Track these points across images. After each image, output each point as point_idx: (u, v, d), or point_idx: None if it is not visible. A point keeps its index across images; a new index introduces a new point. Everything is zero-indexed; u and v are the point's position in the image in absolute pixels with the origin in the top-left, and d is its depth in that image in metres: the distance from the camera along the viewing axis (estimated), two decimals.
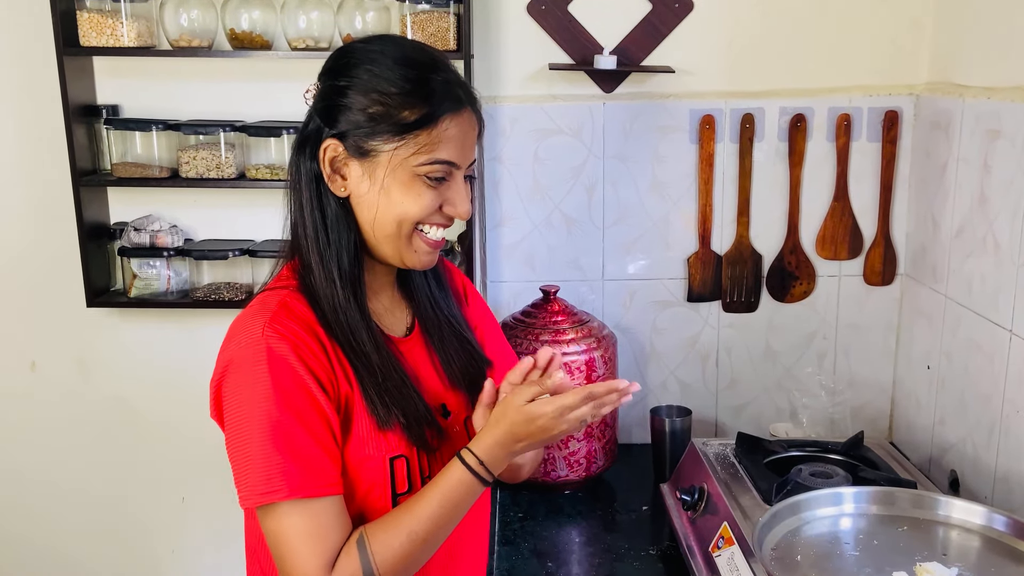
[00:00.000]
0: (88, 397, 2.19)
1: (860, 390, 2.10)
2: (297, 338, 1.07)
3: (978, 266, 1.70)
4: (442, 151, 1.10)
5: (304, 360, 1.06)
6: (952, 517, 1.37)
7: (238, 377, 1.06)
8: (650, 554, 1.65)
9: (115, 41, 1.88)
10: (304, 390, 1.06)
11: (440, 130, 1.10)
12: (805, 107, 1.97)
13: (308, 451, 1.05)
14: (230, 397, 1.07)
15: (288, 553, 1.05)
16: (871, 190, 2.01)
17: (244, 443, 1.05)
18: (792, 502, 1.38)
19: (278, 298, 1.11)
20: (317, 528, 1.05)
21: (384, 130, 1.08)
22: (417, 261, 1.16)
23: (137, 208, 2.06)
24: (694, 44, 1.96)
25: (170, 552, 2.30)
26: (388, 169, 1.10)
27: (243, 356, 1.06)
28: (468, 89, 1.15)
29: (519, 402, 1.10)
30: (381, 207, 1.11)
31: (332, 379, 1.09)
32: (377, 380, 1.12)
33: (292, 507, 1.04)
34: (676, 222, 2.05)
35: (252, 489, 1.04)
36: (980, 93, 1.70)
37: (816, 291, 2.06)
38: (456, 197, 1.14)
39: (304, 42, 1.90)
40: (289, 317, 1.09)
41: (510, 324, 1.90)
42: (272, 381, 1.04)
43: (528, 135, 2.00)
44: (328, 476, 1.07)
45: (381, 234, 1.13)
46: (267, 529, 1.07)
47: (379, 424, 1.11)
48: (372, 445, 1.12)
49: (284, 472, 1.03)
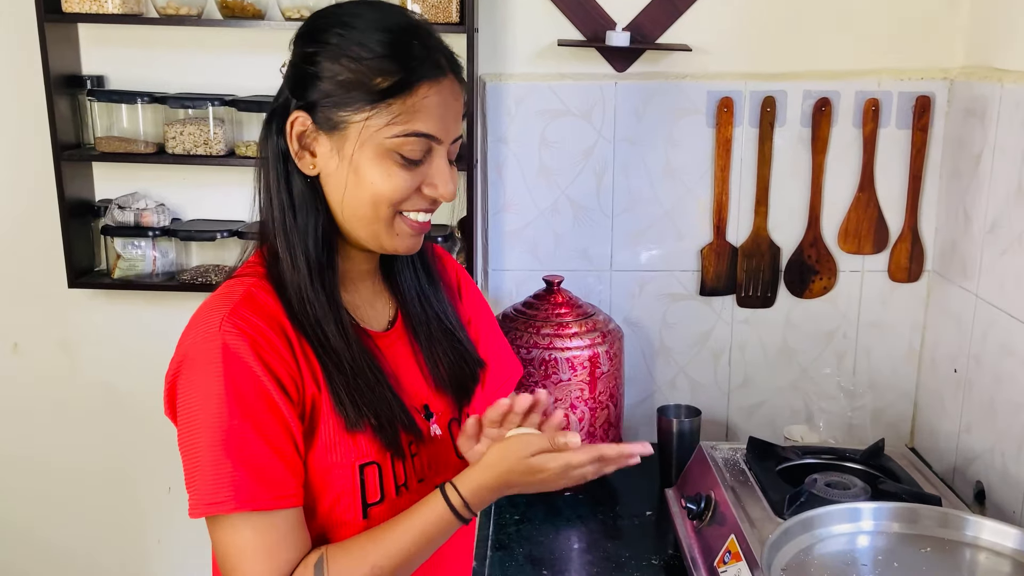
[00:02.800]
0: (72, 380, 2.12)
1: (881, 393, 1.99)
2: (258, 334, 0.97)
3: (1013, 264, 1.58)
4: (419, 122, 0.99)
5: (263, 359, 0.96)
6: (980, 538, 1.26)
7: (191, 375, 0.97)
8: (652, 564, 1.56)
9: (100, 8, 1.80)
10: (261, 393, 0.96)
11: (417, 98, 0.99)
12: (830, 91, 1.85)
13: (261, 460, 0.95)
14: (182, 396, 0.98)
15: (236, 569, 0.96)
16: (899, 180, 1.89)
17: (194, 448, 0.96)
18: (805, 517, 1.27)
19: (243, 288, 1.02)
20: (268, 544, 0.96)
21: (355, 99, 0.98)
22: (399, 245, 1.06)
23: (123, 185, 1.98)
24: (713, 21, 1.85)
25: (156, 542, 2.24)
26: (358, 143, 0.99)
27: (197, 352, 0.97)
28: (452, 56, 1.04)
29: (523, 453, 1.00)
30: (350, 186, 1.01)
31: (296, 379, 0.99)
32: (347, 378, 1.02)
33: (242, 520, 0.95)
34: (690, 211, 1.94)
35: (199, 499, 0.95)
36: (1021, 78, 1.58)
37: (837, 287, 1.96)
38: (438, 176, 1.02)
39: (299, 11, 1.81)
40: (252, 310, 0.99)
41: (510, 316, 1.80)
42: (226, 382, 0.94)
43: (535, 116, 1.90)
44: (283, 487, 0.97)
45: (352, 216, 1.03)
46: (215, 541, 0.98)
47: (347, 426, 1.01)
48: (340, 451, 1.02)
49: (233, 482, 0.94)
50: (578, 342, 1.74)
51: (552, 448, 1.00)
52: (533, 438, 1.02)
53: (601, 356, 1.75)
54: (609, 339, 1.77)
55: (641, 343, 2.00)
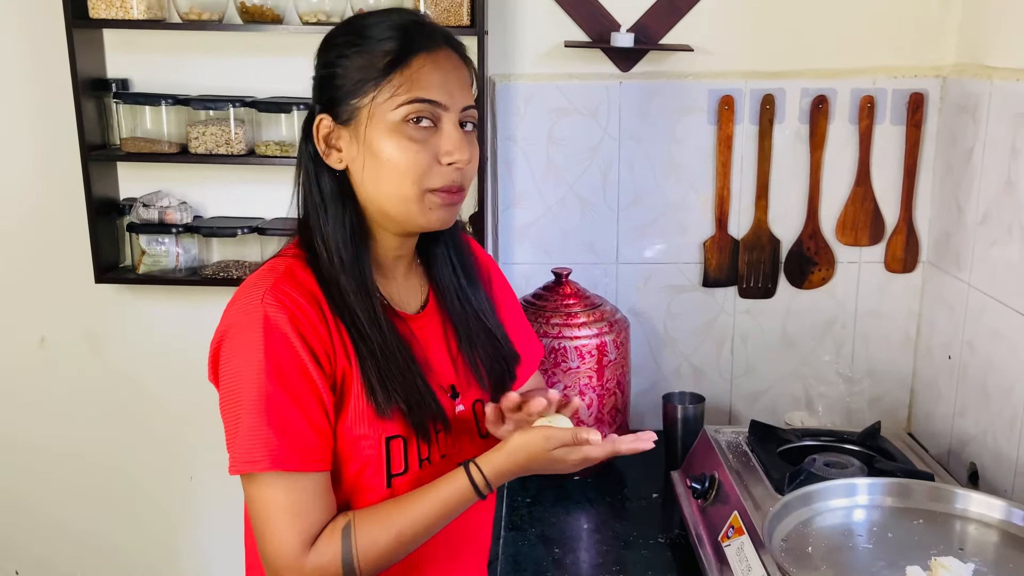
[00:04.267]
0: (97, 373, 2.19)
1: (879, 379, 2.06)
2: (297, 308, 1.05)
3: (1004, 254, 1.65)
4: (419, 89, 1.06)
5: (301, 332, 1.04)
6: (970, 511, 1.33)
7: (234, 343, 1.04)
8: (659, 542, 1.63)
9: (125, 14, 1.86)
10: (298, 364, 1.03)
11: (414, 68, 1.06)
12: (827, 88, 1.92)
13: (295, 426, 1.03)
14: (225, 362, 1.05)
15: (267, 525, 1.04)
16: (894, 175, 1.96)
17: (234, 410, 1.04)
18: (804, 492, 1.34)
19: (285, 265, 1.10)
20: (296, 504, 1.03)
21: (363, 84, 1.07)
22: (432, 219, 1.11)
23: (146, 184, 2.05)
24: (714, 22, 1.92)
25: (177, 529, 2.30)
26: (369, 124, 1.07)
27: (241, 323, 1.04)
28: (448, 35, 1.12)
29: (546, 447, 1.08)
30: (369, 167, 1.08)
31: (330, 353, 1.07)
32: (378, 363, 1.09)
33: (274, 479, 1.03)
34: (693, 205, 2.01)
35: (237, 456, 1.03)
36: (1009, 75, 1.65)
37: (835, 278, 2.02)
38: (449, 142, 1.08)
39: (316, 16, 1.87)
40: (292, 285, 1.07)
41: (521, 307, 1.86)
42: (266, 351, 1.02)
43: (543, 114, 1.96)
44: (313, 453, 1.05)
45: (381, 197, 1.09)
46: (249, 498, 1.06)
47: (377, 411, 1.09)
48: (368, 424, 1.09)
49: (268, 444, 1.01)
50: (586, 331, 1.81)
51: (573, 442, 1.08)
52: (555, 432, 1.08)
53: (608, 345, 1.82)
54: (616, 328, 1.84)
55: (647, 333, 2.07)
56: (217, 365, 1.07)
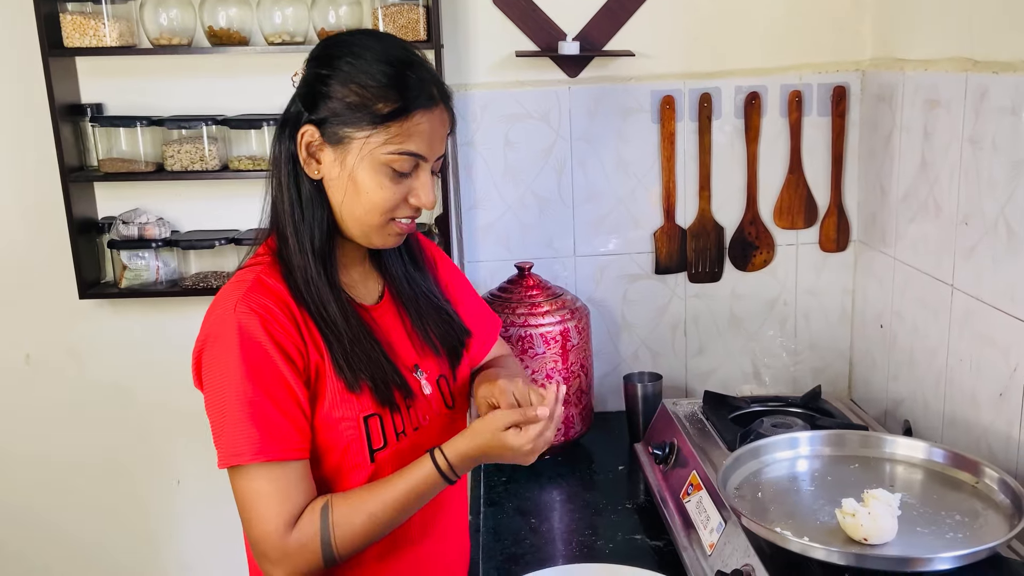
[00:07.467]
0: (83, 387, 2.26)
1: (821, 352, 2.22)
2: (267, 313, 1.15)
3: (922, 228, 1.81)
4: (411, 143, 1.17)
5: (272, 335, 1.14)
6: (898, 454, 1.49)
7: (213, 351, 1.15)
8: (626, 507, 1.76)
9: (98, 41, 1.96)
10: (271, 365, 1.14)
11: (412, 123, 1.17)
12: (759, 85, 2.08)
13: (273, 420, 1.13)
14: (207, 369, 1.16)
15: (252, 511, 1.14)
16: (823, 162, 2.12)
17: (219, 411, 1.14)
18: (753, 447, 1.49)
19: (253, 275, 1.20)
20: (278, 489, 1.14)
21: (359, 119, 1.16)
22: (386, 242, 1.25)
23: (124, 202, 2.13)
24: (653, 28, 2.06)
25: (167, 535, 2.38)
26: (358, 157, 1.17)
27: (217, 332, 1.15)
28: (443, 88, 1.22)
29: (498, 425, 1.19)
30: (348, 192, 1.19)
31: (302, 350, 1.17)
32: (345, 346, 1.20)
33: (257, 470, 1.13)
34: (642, 199, 2.15)
35: (223, 451, 1.14)
36: (919, 66, 1.82)
37: (776, 259, 2.18)
38: (421, 188, 1.21)
39: (280, 37, 1.99)
40: (262, 292, 1.17)
41: (488, 300, 1.99)
42: (242, 357, 1.13)
43: (498, 120, 2.09)
44: (291, 442, 1.15)
45: (349, 217, 1.21)
46: (235, 490, 1.15)
47: (348, 386, 1.20)
48: (345, 407, 1.20)
49: (250, 438, 1.12)
50: (550, 319, 1.94)
51: (522, 421, 1.18)
52: (504, 413, 1.20)
53: (571, 331, 1.96)
54: (577, 315, 1.98)
55: (606, 320, 2.21)
56: (200, 371, 1.18)
